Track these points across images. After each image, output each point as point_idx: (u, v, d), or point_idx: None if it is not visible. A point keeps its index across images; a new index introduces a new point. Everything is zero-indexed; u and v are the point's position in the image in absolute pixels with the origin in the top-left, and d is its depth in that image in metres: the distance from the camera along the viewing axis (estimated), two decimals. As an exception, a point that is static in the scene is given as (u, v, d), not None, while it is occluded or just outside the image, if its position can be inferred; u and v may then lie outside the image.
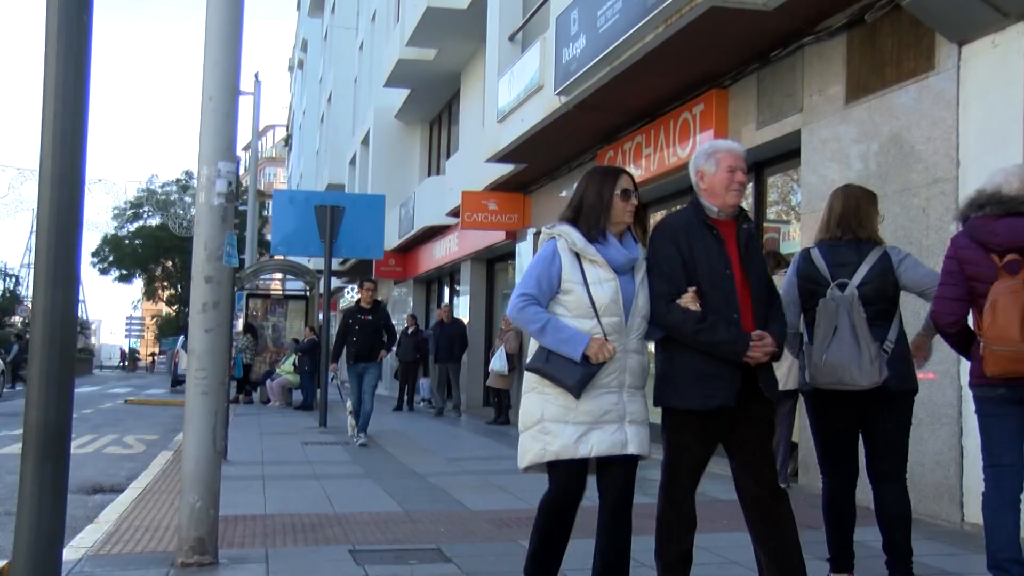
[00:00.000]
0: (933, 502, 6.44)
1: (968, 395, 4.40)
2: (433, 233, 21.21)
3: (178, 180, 55.14)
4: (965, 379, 5.98)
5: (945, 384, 6.33)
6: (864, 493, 4.56)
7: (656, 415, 4.18)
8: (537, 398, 3.91)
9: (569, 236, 3.91)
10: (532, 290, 3.87)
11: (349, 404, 11.84)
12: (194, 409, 5.08)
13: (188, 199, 47.94)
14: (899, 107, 7.00)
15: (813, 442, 4.73)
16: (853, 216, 4.50)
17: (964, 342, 4.25)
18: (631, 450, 3.98)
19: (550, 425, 3.86)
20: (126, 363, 68.55)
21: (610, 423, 3.89)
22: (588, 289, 3.84)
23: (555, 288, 3.87)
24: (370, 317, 11.56)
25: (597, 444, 3.89)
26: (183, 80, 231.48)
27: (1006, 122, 6.01)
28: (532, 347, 4.05)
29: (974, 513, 5.80)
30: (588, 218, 3.94)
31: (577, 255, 3.88)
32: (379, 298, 12.82)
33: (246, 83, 31.25)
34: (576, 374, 3.78)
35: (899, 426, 4.45)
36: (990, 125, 6.17)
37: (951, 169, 6.47)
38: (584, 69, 9.81)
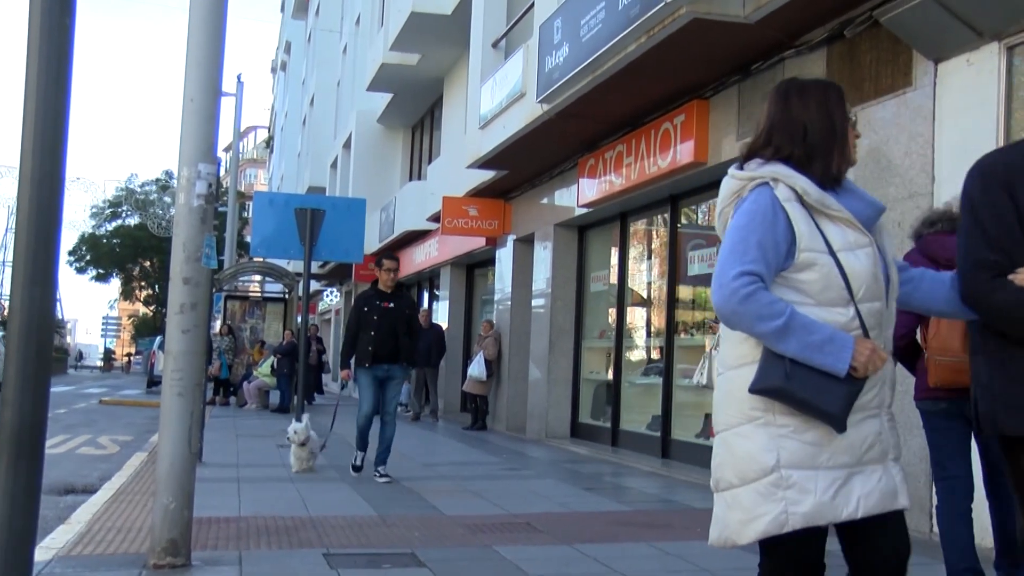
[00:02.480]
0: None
1: None
2: (413, 238, 21.22)
3: (158, 180, 54.79)
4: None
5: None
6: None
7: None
8: (763, 434, 2.58)
9: (794, 180, 2.60)
10: (758, 264, 2.53)
11: (317, 440, 9.28)
12: (170, 410, 5.06)
13: (168, 199, 47.72)
14: (878, 121, 7.07)
15: None
16: None
17: (911, 356, 4.38)
18: (903, 502, 2.70)
19: (794, 475, 2.55)
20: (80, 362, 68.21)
21: (874, 463, 2.63)
22: (838, 261, 2.58)
23: (782, 260, 2.57)
24: (392, 304, 8.85)
25: (864, 498, 2.60)
26: (165, 80, 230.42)
27: (980, 139, 6.09)
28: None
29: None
30: (818, 154, 2.67)
31: (809, 209, 2.60)
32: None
33: (228, 84, 31.19)
34: (839, 396, 2.52)
35: None
36: (964, 142, 6.25)
37: (927, 184, 6.54)
38: (567, 77, 9.85)
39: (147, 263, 57.38)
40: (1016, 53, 6.04)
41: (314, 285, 32.31)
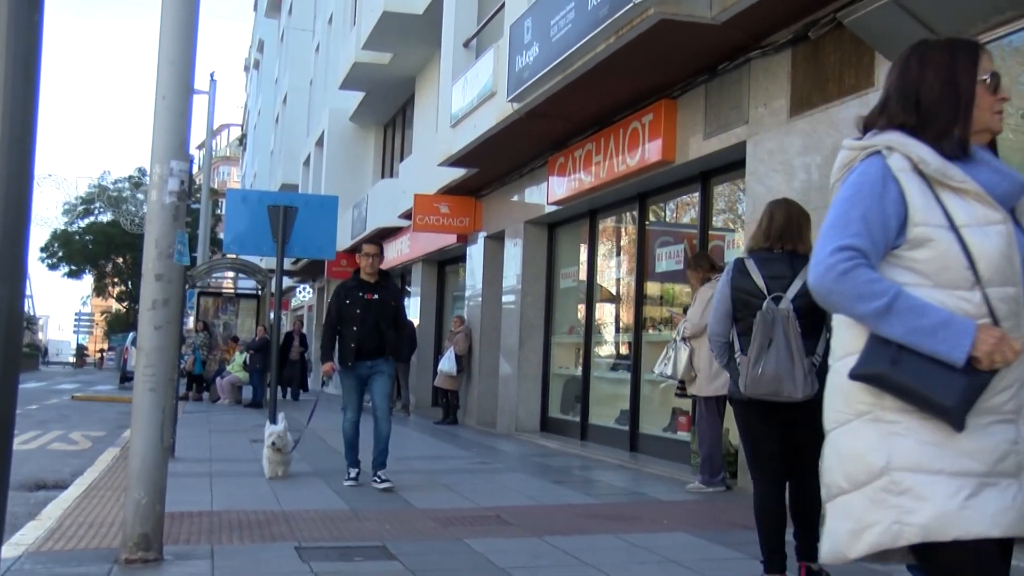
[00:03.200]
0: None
1: None
2: (385, 235, 21.21)
3: (131, 177, 54.44)
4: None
5: (878, 391, 6.53)
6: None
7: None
8: (872, 431, 2.26)
9: (909, 149, 2.32)
10: (860, 239, 2.24)
11: (291, 442, 8.43)
12: (142, 406, 5.10)
13: (141, 196, 47.35)
14: (841, 121, 7.21)
15: (745, 450, 4.92)
16: (795, 229, 4.67)
17: None
18: None
19: (907, 479, 2.20)
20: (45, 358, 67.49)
21: (1007, 477, 2.22)
22: (961, 238, 2.25)
23: (892, 237, 2.28)
24: (376, 296, 8.02)
25: (998, 516, 2.17)
26: (138, 77, 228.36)
27: (939, 139, 6.23)
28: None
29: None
30: (935, 120, 2.37)
31: (928, 181, 2.31)
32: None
33: (201, 82, 31.04)
34: (956, 388, 2.17)
35: (819, 430, 4.61)
36: (924, 141, 6.38)
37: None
38: (536, 77, 9.95)
39: (120, 260, 57.00)
40: (972, 56, 6.17)
41: (287, 281, 32.23)
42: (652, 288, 11.37)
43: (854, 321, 2.29)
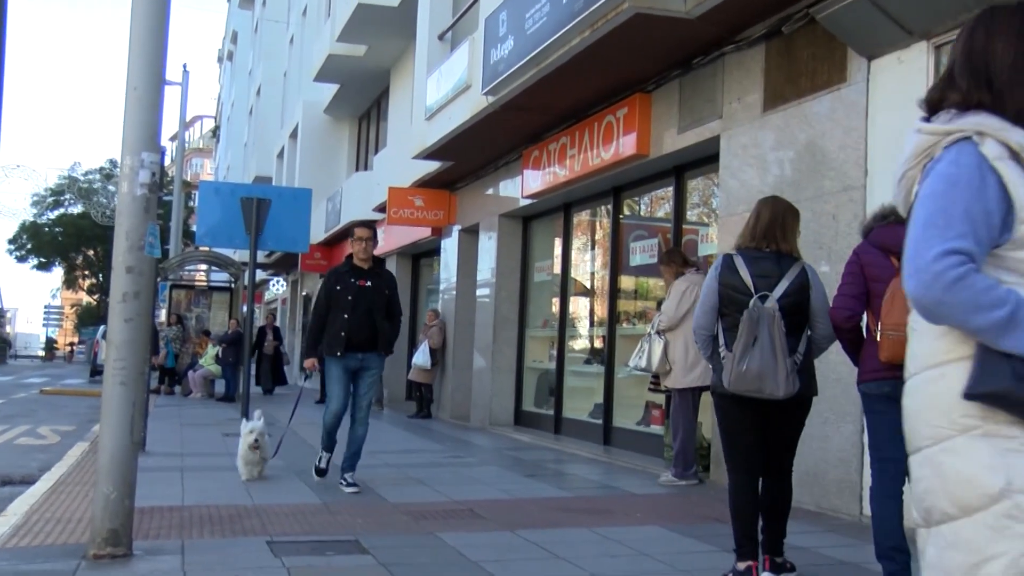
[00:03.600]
0: (835, 497, 6.70)
1: None
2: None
3: (102, 168, 53.98)
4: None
5: (849, 385, 6.56)
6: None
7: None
8: (984, 449, 1.97)
9: (1007, 135, 2.05)
10: (966, 241, 1.97)
11: (270, 442, 8.03)
12: (111, 399, 5.06)
13: (111, 188, 46.99)
14: (814, 116, 7.25)
15: (722, 443, 4.97)
16: (779, 228, 4.76)
17: (856, 341, 4.52)
18: None
19: None
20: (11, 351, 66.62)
21: None
22: None
23: (996, 235, 2.01)
24: (369, 282, 7.59)
25: None
26: (110, 66, 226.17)
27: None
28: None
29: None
30: (1012, 96, 2.10)
31: None
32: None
33: (174, 73, 30.75)
34: None
35: (796, 428, 4.83)
36: (896, 137, 6.42)
37: (860, 177, 6.73)
38: (511, 70, 9.93)
39: (91, 252, 56.55)
40: (944, 52, 6.23)
41: (260, 274, 32.08)
42: (626, 282, 11.40)
43: (946, 329, 2.01)
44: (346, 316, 7.46)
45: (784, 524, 4.78)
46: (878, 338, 4.29)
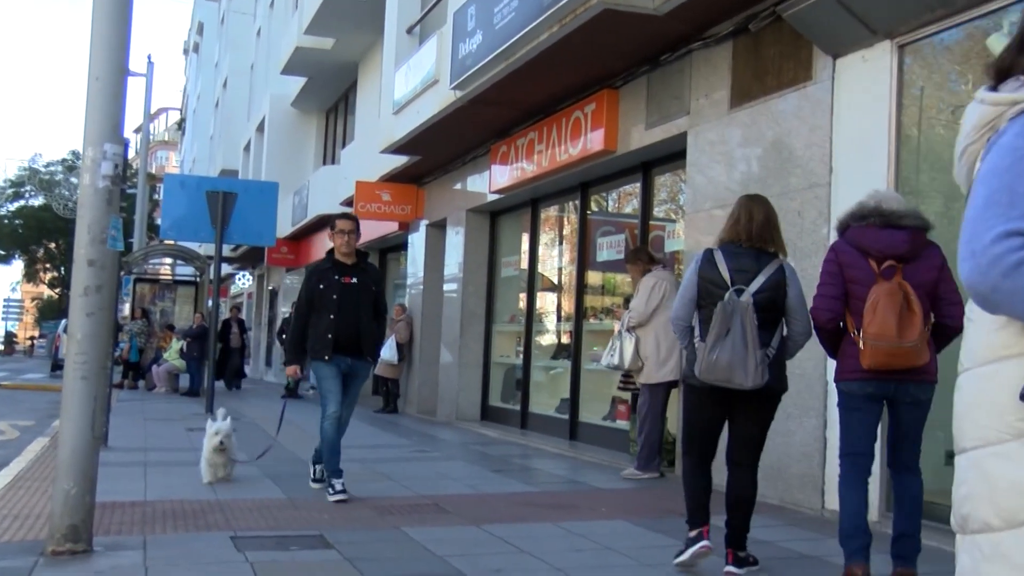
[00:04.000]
0: (798, 491, 6.76)
1: (835, 390, 4.79)
2: (327, 222, 20.88)
3: (64, 160, 53.30)
4: (831, 376, 6.34)
5: (814, 380, 6.64)
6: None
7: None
8: None
9: None
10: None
11: (235, 444, 7.57)
12: (72, 394, 4.99)
13: (74, 180, 46.41)
14: (780, 114, 7.29)
15: (683, 428, 5.11)
16: (771, 230, 4.89)
17: (835, 340, 4.65)
18: None
19: None
20: None
21: None
22: None
23: None
24: (355, 279, 7.00)
25: None
26: (73, 56, 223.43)
27: (874, 133, 6.35)
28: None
29: (834, 500, 6.12)
30: None
31: None
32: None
33: (138, 64, 30.40)
34: None
35: (764, 422, 4.92)
36: (860, 135, 6.50)
37: (826, 175, 6.78)
38: (480, 65, 9.92)
39: (52, 245, 55.85)
40: (907, 52, 6.30)
41: (226, 268, 31.84)
42: (593, 277, 11.42)
43: (1006, 321, 1.76)
44: (332, 317, 6.84)
45: (748, 518, 4.86)
46: (861, 345, 4.39)
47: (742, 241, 4.84)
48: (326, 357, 6.85)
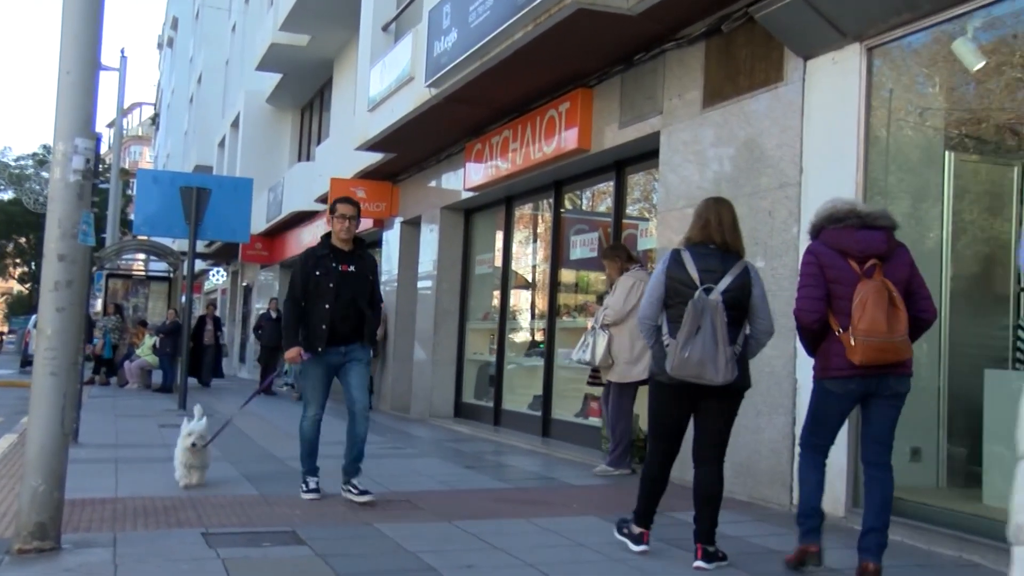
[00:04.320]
0: (766, 487, 6.83)
1: (803, 388, 4.90)
2: (301, 219, 21.03)
3: (35, 154, 52.85)
4: (801, 373, 6.42)
5: (782, 378, 6.71)
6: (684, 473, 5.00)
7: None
8: None
9: None
10: None
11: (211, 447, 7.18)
12: (42, 390, 4.95)
13: (45, 174, 46.02)
14: (752, 114, 7.36)
15: (650, 424, 5.21)
16: (737, 231, 5.05)
17: (818, 338, 4.77)
18: None
19: None
20: None
21: None
22: None
23: None
24: (352, 267, 6.69)
25: None
26: (45, 48, 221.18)
27: (843, 134, 6.42)
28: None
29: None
30: None
31: None
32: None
33: (111, 58, 30.18)
34: None
35: (730, 417, 5.04)
36: (830, 136, 6.57)
37: (796, 175, 6.85)
38: (455, 63, 9.93)
39: (22, 240, 55.34)
40: (876, 54, 6.37)
41: (200, 264, 31.66)
42: (567, 275, 11.47)
43: None
44: (328, 306, 6.49)
45: (716, 513, 4.94)
46: (852, 342, 4.52)
47: (713, 243, 4.96)
48: (319, 349, 6.51)
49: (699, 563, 4.83)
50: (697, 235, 5.03)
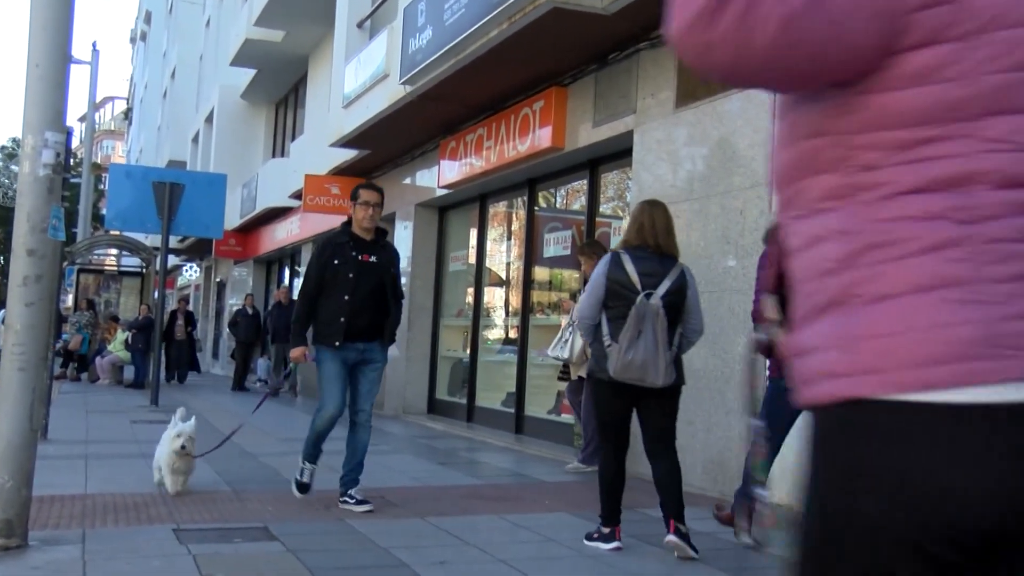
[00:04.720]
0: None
1: None
2: (275, 215, 20.95)
3: (3, 148, 52.34)
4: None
5: (753, 376, 6.76)
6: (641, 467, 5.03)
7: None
8: None
9: None
10: None
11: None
12: (9, 385, 4.92)
13: (14, 168, 45.61)
14: (726, 114, 7.40)
15: (595, 420, 5.46)
16: (669, 234, 5.17)
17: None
18: None
19: None
20: None
21: None
22: None
23: None
24: (374, 258, 6.23)
25: None
26: (13, 40, 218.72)
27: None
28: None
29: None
30: None
31: None
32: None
33: (83, 51, 29.95)
34: None
35: (673, 413, 5.23)
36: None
37: (767, 175, 6.90)
38: (429, 60, 9.93)
39: (-9, 234, 54.75)
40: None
41: (172, 260, 31.47)
42: (540, 273, 11.49)
43: None
44: (347, 298, 6.06)
45: (680, 495, 5.09)
46: None
47: (649, 246, 5.09)
48: (336, 344, 6.06)
49: (671, 537, 4.99)
50: (634, 238, 5.16)
